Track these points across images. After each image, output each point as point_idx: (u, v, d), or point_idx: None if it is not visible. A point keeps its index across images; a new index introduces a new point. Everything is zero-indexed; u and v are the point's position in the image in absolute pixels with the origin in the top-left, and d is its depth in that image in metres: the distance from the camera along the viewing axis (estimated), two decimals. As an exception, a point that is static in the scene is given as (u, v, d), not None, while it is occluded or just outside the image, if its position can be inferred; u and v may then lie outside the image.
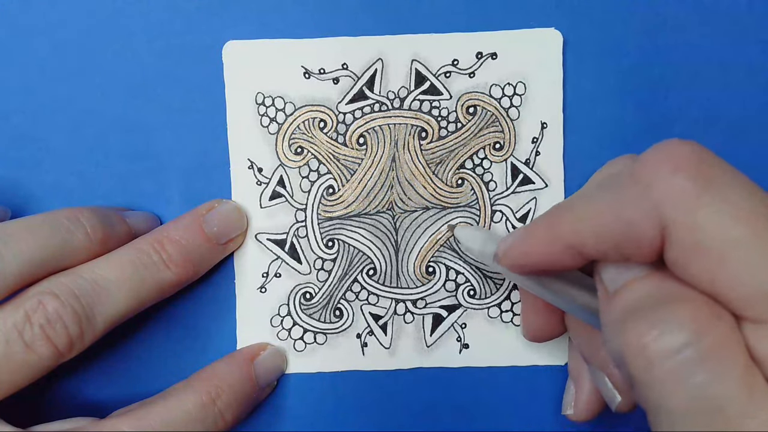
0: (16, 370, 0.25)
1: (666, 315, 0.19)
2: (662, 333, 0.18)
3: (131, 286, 0.27)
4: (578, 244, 0.22)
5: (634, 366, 0.19)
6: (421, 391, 0.32)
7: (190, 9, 0.31)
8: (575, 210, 0.22)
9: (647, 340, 0.18)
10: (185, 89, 0.31)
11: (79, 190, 0.31)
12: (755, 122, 0.31)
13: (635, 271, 0.21)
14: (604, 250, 0.21)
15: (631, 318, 0.20)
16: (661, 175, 0.20)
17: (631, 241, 0.20)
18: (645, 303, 0.20)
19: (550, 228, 0.23)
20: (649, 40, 0.31)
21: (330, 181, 0.31)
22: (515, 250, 0.24)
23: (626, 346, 0.19)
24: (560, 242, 0.22)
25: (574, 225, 0.22)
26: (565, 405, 0.30)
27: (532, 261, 0.23)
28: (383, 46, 0.31)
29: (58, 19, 0.31)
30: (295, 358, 0.32)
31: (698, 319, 0.18)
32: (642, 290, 0.20)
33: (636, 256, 0.21)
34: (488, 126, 0.31)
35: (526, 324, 0.29)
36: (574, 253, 0.22)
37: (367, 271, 0.31)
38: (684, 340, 0.18)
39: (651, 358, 0.18)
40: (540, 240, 0.23)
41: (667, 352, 0.18)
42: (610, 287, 0.22)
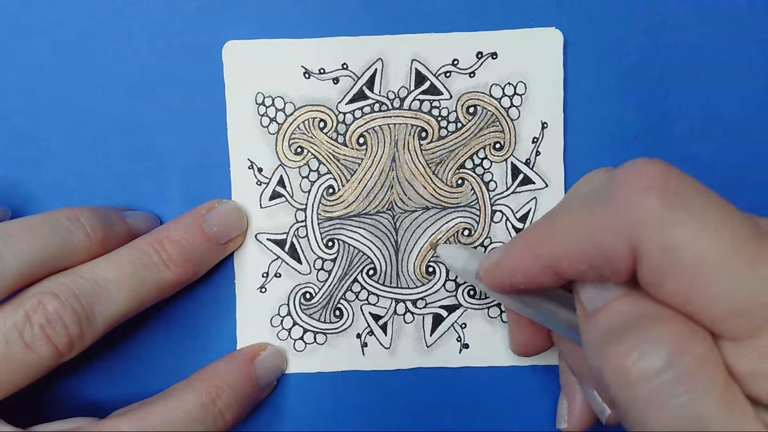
0: (16, 370, 0.25)
1: (644, 337, 0.19)
2: (641, 355, 0.18)
3: (131, 286, 0.27)
4: (555, 264, 0.22)
5: (615, 388, 0.19)
6: (421, 391, 0.32)
7: (190, 9, 0.31)
8: (550, 231, 0.22)
9: (627, 363, 0.18)
10: (185, 89, 0.31)
11: (79, 190, 0.31)
12: (755, 122, 0.31)
13: (612, 291, 0.21)
14: (580, 271, 0.21)
15: (609, 340, 0.20)
16: (631, 196, 0.19)
17: (604, 262, 0.20)
18: (623, 324, 0.20)
19: (527, 249, 0.23)
20: (649, 40, 0.31)
21: (330, 181, 0.31)
22: (495, 270, 0.24)
23: (606, 368, 0.19)
24: (538, 263, 0.22)
25: (549, 246, 0.22)
26: (559, 419, 0.30)
27: (511, 281, 0.23)
28: (383, 46, 0.31)
29: (58, 19, 0.31)
30: (295, 358, 0.32)
31: (676, 339, 0.18)
32: (619, 311, 0.20)
33: (611, 277, 0.21)
34: (488, 126, 0.31)
35: (513, 339, 0.29)
36: (552, 274, 0.22)
37: (367, 271, 0.31)
38: (663, 362, 0.18)
39: (631, 381, 0.18)
40: (518, 261, 0.23)
41: (647, 374, 0.18)
42: (588, 307, 0.22)
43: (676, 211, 0.19)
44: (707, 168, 0.31)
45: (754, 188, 0.31)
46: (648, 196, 0.19)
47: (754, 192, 0.31)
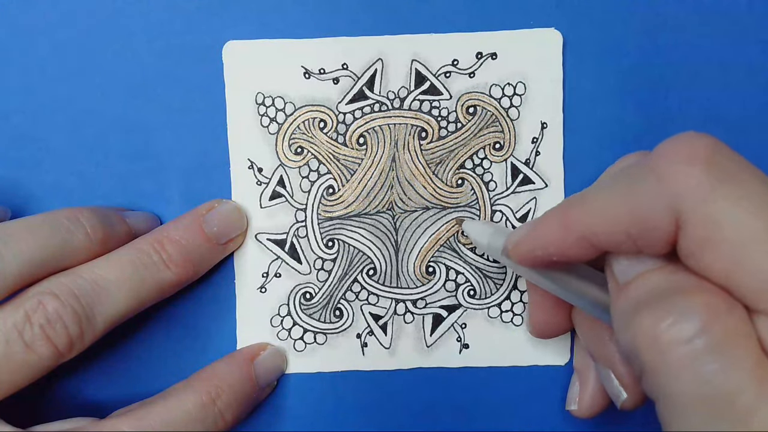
0: (16, 370, 0.25)
1: (679, 304, 0.19)
2: (675, 321, 0.18)
3: (131, 286, 0.27)
4: (591, 235, 0.22)
5: (646, 354, 0.19)
6: (421, 391, 0.32)
7: (190, 9, 0.31)
8: (588, 201, 0.22)
9: (660, 328, 0.19)
10: (185, 89, 0.31)
11: (79, 190, 0.31)
12: (755, 122, 0.31)
13: (647, 263, 0.21)
14: (616, 242, 0.21)
15: (643, 308, 0.20)
16: (676, 167, 0.20)
17: (644, 232, 0.20)
18: (658, 293, 0.20)
19: (562, 219, 0.22)
20: (649, 40, 0.31)
21: (330, 181, 0.31)
22: (526, 241, 0.24)
23: (639, 334, 0.19)
24: (573, 233, 0.22)
25: (587, 216, 0.22)
26: (569, 400, 0.30)
27: (542, 253, 0.23)
28: (383, 46, 0.31)
29: (58, 19, 0.31)
30: (295, 358, 0.32)
31: (711, 309, 0.18)
32: (654, 281, 0.20)
33: (649, 248, 0.21)
34: (488, 126, 0.31)
35: (532, 319, 0.29)
36: (586, 245, 0.22)
37: (367, 271, 0.31)
38: (696, 329, 0.18)
39: (663, 346, 0.18)
40: (552, 231, 0.23)
41: (679, 340, 0.18)
42: (621, 279, 0.22)
43: (720, 184, 0.19)
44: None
45: None
46: (693, 167, 0.19)
47: (754, 192, 0.31)
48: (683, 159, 0.20)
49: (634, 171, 0.21)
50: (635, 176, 0.21)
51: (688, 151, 0.20)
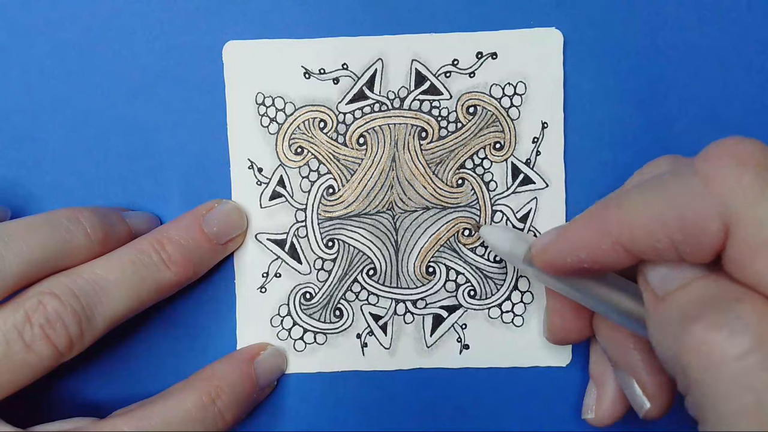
0: (16, 370, 0.25)
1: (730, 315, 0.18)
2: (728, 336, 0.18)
3: (131, 286, 0.27)
4: (628, 240, 0.21)
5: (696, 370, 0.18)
6: (421, 391, 0.32)
7: (190, 9, 0.31)
8: (625, 205, 0.21)
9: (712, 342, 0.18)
10: (185, 89, 0.31)
11: (79, 190, 0.31)
12: (755, 122, 0.31)
13: (688, 273, 0.20)
14: (658, 248, 0.20)
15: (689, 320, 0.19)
16: (724, 170, 0.19)
17: (691, 238, 0.19)
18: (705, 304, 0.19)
19: (596, 224, 0.21)
20: (649, 40, 0.31)
21: (330, 181, 0.31)
22: (555, 247, 0.23)
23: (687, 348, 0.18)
24: (609, 238, 0.21)
25: (626, 220, 0.21)
26: (585, 408, 0.29)
27: (573, 259, 0.22)
28: (383, 46, 0.31)
29: (58, 19, 0.31)
30: (295, 358, 0.31)
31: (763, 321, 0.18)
32: (699, 291, 0.20)
33: (694, 255, 0.20)
34: (488, 126, 0.31)
35: (552, 326, 0.28)
36: (622, 251, 0.21)
37: (367, 271, 0.31)
38: (751, 342, 0.17)
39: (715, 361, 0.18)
40: (585, 235, 0.22)
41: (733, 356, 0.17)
42: (660, 289, 0.21)
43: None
44: (707, 168, 0.31)
45: None
46: (742, 170, 0.19)
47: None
48: (731, 162, 0.19)
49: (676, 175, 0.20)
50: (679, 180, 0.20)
51: (735, 154, 0.19)
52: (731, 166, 0.19)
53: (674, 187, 0.20)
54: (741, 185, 0.19)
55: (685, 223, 0.19)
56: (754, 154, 0.19)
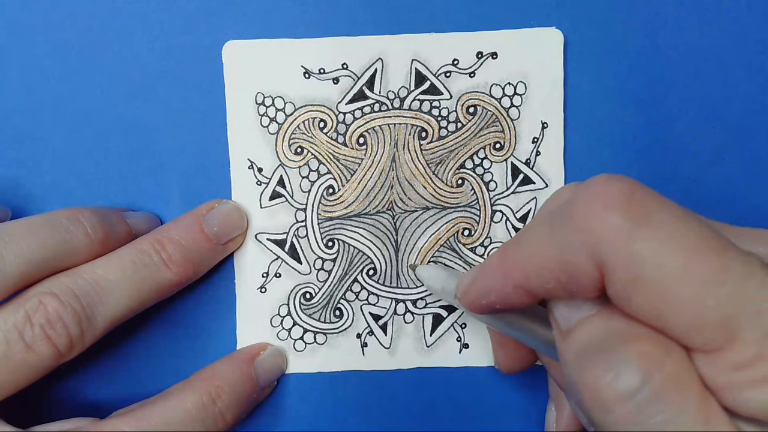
0: (17, 371, 0.25)
1: (616, 357, 0.19)
2: (615, 377, 0.18)
3: (131, 286, 0.27)
4: (525, 284, 0.22)
5: (593, 409, 0.19)
6: (421, 391, 0.32)
7: (190, 9, 0.31)
8: (519, 250, 0.22)
9: (601, 385, 0.18)
10: (185, 89, 0.31)
11: (79, 190, 0.31)
12: (755, 122, 0.31)
13: (584, 309, 0.21)
14: (550, 289, 0.21)
15: (583, 361, 0.19)
16: (593, 214, 0.19)
17: (572, 280, 0.20)
18: (596, 344, 0.20)
19: (497, 269, 0.22)
20: (649, 40, 0.31)
21: (330, 181, 0.31)
22: (471, 291, 0.24)
23: (583, 389, 0.19)
24: (509, 283, 0.22)
25: (519, 266, 0.22)
26: (547, 425, 0.30)
27: (486, 301, 0.23)
28: (383, 46, 0.31)
29: (58, 19, 0.31)
30: (295, 358, 0.32)
31: (648, 357, 0.18)
32: (591, 330, 0.20)
33: (581, 294, 0.20)
34: (488, 126, 0.31)
35: (497, 358, 0.29)
36: (524, 293, 0.22)
37: (367, 271, 0.31)
38: (637, 382, 0.18)
39: (607, 403, 0.18)
40: (490, 281, 0.23)
41: (622, 396, 0.18)
42: (562, 325, 0.21)
43: (639, 227, 0.19)
44: (707, 168, 0.31)
45: (755, 188, 0.31)
46: (610, 213, 0.19)
47: (755, 192, 0.31)
48: (599, 205, 0.19)
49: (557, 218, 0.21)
50: (557, 224, 0.20)
51: (603, 196, 0.19)
52: (599, 209, 0.19)
53: (554, 232, 0.21)
54: (608, 228, 0.19)
55: (565, 266, 0.20)
56: (622, 193, 0.19)
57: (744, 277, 0.18)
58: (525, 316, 0.25)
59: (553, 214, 0.21)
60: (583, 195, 0.20)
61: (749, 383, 0.18)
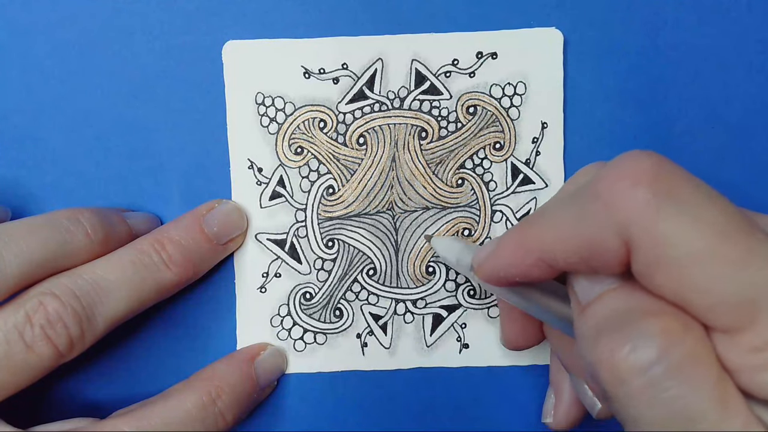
0: (17, 371, 0.25)
1: (636, 330, 0.19)
2: (633, 349, 0.18)
3: (132, 287, 0.27)
4: (547, 257, 0.22)
5: (607, 382, 0.19)
6: (421, 391, 0.32)
7: (190, 9, 0.31)
8: (543, 224, 0.22)
9: (618, 357, 0.18)
10: (185, 89, 0.31)
11: (79, 190, 0.31)
12: (755, 122, 0.31)
13: (605, 283, 0.21)
14: (572, 263, 0.21)
15: (602, 333, 0.19)
16: (621, 190, 0.19)
17: (596, 256, 0.20)
18: (615, 317, 0.20)
19: (520, 242, 0.22)
20: (649, 40, 0.31)
21: (330, 181, 0.31)
22: (489, 263, 0.24)
23: (598, 362, 0.19)
24: (530, 256, 0.22)
25: (543, 238, 0.22)
26: (545, 413, 0.30)
27: (505, 274, 0.23)
28: (383, 46, 0.31)
29: (58, 19, 0.31)
30: (295, 358, 0.32)
31: (668, 332, 0.18)
32: (612, 304, 0.20)
33: (604, 269, 0.21)
34: (488, 126, 0.31)
35: (505, 332, 0.29)
36: (545, 266, 0.22)
37: (367, 271, 0.31)
38: (654, 356, 0.18)
39: (623, 375, 0.18)
40: (511, 253, 0.23)
41: (638, 369, 0.18)
42: (582, 299, 0.22)
43: (666, 204, 0.19)
44: (707, 168, 0.31)
45: (755, 188, 0.31)
46: (638, 189, 0.19)
47: (755, 191, 0.31)
48: (628, 181, 0.19)
49: (583, 193, 0.21)
50: (584, 199, 0.20)
51: (632, 172, 0.19)
52: (627, 185, 0.19)
53: (580, 208, 0.21)
54: (636, 205, 0.19)
55: (589, 242, 0.20)
56: (650, 170, 0.19)
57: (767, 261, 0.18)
58: (541, 290, 0.25)
59: (579, 190, 0.21)
60: (612, 171, 0.20)
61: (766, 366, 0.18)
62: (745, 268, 0.18)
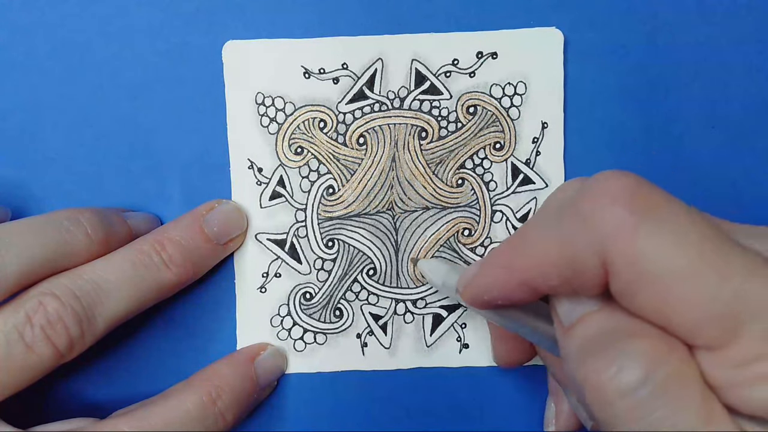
0: (17, 371, 0.25)
1: (619, 352, 0.19)
2: (618, 371, 0.18)
3: (132, 287, 0.27)
4: (528, 279, 0.22)
5: (594, 404, 0.19)
6: (421, 391, 0.32)
7: (190, 9, 0.31)
8: (523, 247, 0.22)
9: (604, 379, 0.18)
10: (185, 89, 0.31)
11: (79, 190, 0.31)
12: (755, 122, 0.31)
13: (587, 305, 0.21)
14: (553, 286, 0.21)
15: (586, 355, 0.20)
16: (599, 208, 0.19)
17: (575, 275, 0.20)
18: (598, 339, 0.20)
19: (500, 264, 0.23)
20: (649, 40, 0.31)
21: (330, 181, 0.31)
22: (472, 286, 0.24)
23: (584, 383, 0.19)
24: (512, 278, 0.22)
25: (522, 260, 0.22)
26: (546, 422, 0.30)
27: (489, 297, 0.23)
28: (383, 46, 0.31)
29: (58, 19, 0.31)
30: (295, 358, 0.32)
31: (651, 353, 0.18)
32: (594, 326, 0.20)
33: (584, 290, 0.20)
34: (488, 126, 0.31)
35: (495, 352, 0.29)
36: (528, 289, 0.22)
37: (367, 271, 0.31)
38: (639, 377, 0.18)
39: (609, 397, 0.18)
40: (493, 277, 0.23)
41: (624, 390, 0.18)
42: (564, 321, 0.21)
43: (644, 223, 0.19)
44: (707, 168, 0.31)
45: (754, 188, 0.31)
46: (616, 208, 0.19)
47: (754, 192, 0.31)
48: (606, 201, 0.19)
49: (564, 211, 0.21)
50: (563, 218, 0.20)
51: (610, 190, 0.19)
52: (606, 204, 0.19)
53: (559, 227, 0.20)
54: (614, 223, 0.19)
55: (569, 262, 0.20)
56: (628, 189, 0.19)
57: (747, 275, 0.18)
58: (526, 311, 0.25)
59: (558, 209, 0.21)
60: (590, 189, 0.20)
61: (751, 381, 0.18)
62: (727, 283, 0.18)
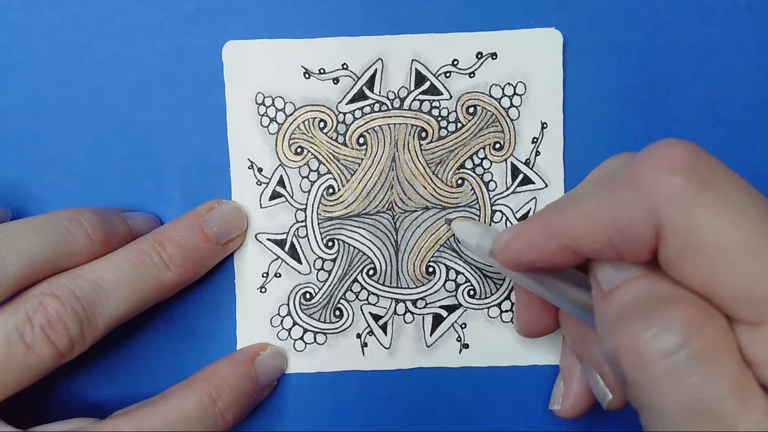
0: (17, 371, 0.25)
1: (660, 316, 0.19)
2: (656, 334, 0.18)
3: (132, 287, 0.27)
4: (573, 243, 0.22)
5: (628, 366, 0.19)
6: (421, 391, 0.32)
7: (190, 9, 0.31)
8: (570, 209, 0.22)
9: (641, 341, 0.19)
10: (185, 89, 0.31)
11: (79, 190, 0.31)
12: (755, 122, 0.31)
13: (630, 271, 0.21)
14: (598, 249, 0.21)
15: (625, 319, 0.20)
16: (656, 175, 0.19)
17: (625, 241, 0.20)
18: (639, 303, 0.20)
19: (545, 226, 0.22)
20: (649, 40, 0.31)
21: (330, 181, 0.31)
22: (510, 247, 0.24)
23: (620, 346, 0.19)
24: (555, 241, 0.22)
25: (569, 223, 0.22)
26: (553, 400, 0.30)
27: (527, 259, 0.23)
28: (383, 46, 0.31)
29: (58, 19, 0.31)
30: (295, 358, 0.32)
31: (691, 320, 0.18)
32: (636, 290, 0.20)
33: (631, 256, 0.21)
34: (488, 126, 0.31)
35: (519, 319, 0.29)
36: (569, 252, 0.22)
37: (367, 271, 0.31)
38: (678, 342, 0.18)
39: (645, 359, 0.18)
40: (535, 238, 0.23)
41: (661, 353, 0.18)
42: (604, 286, 0.22)
43: (700, 192, 0.19)
44: (707, 168, 0.31)
45: (754, 188, 0.31)
46: (672, 176, 0.19)
47: (754, 192, 0.31)
48: (663, 167, 0.19)
49: (615, 178, 0.21)
50: (616, 184, 0.21)
51: (668, 158, 0.19)
52: (662, 171, 0.19)
53: (611, 192, 0.21)
54: (670, 191, 0.19)
55: (620, 228, 0.20)
56: (685, 158, 0.19)
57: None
58: (559, 276, 0.25)
59: (610, 176, 0.21)
60: (647, 157, 0.20)
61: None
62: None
